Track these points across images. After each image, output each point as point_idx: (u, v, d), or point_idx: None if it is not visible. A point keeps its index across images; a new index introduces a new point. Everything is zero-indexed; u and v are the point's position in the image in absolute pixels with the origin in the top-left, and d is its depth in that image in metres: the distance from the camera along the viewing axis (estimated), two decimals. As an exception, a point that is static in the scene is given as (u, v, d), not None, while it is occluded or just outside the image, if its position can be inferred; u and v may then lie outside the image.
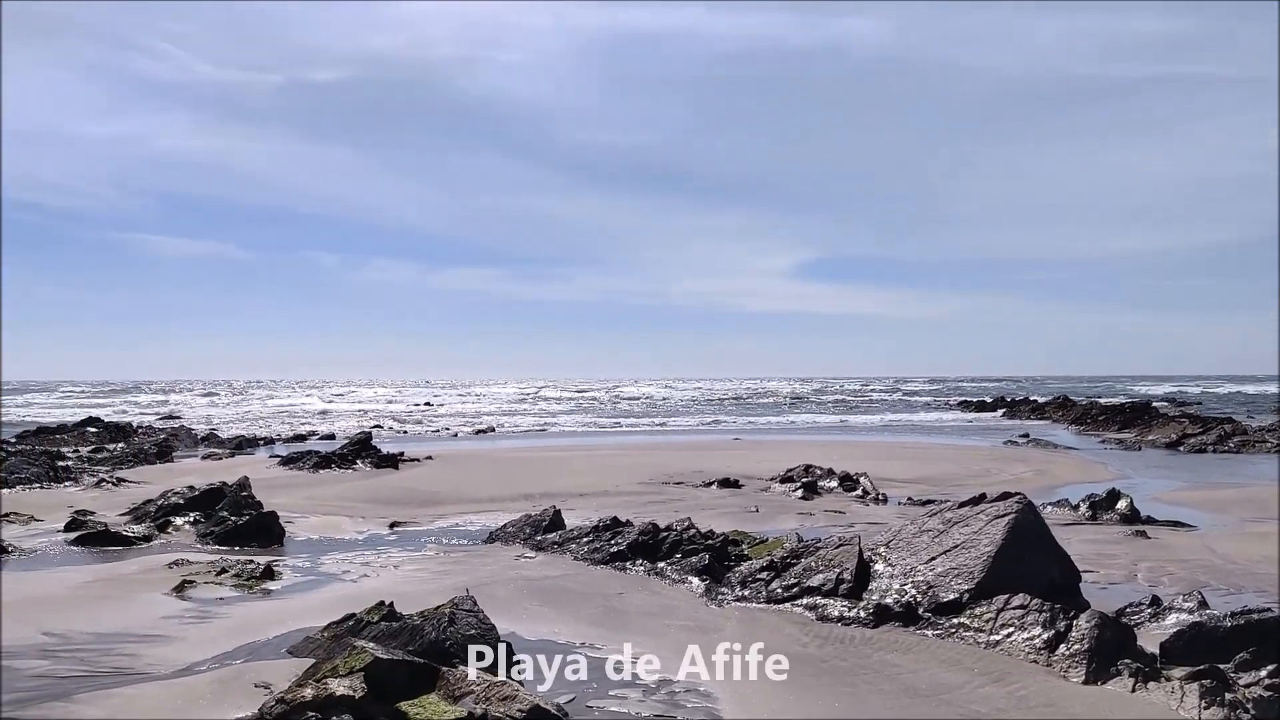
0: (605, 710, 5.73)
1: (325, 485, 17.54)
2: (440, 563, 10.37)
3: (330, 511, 14.28)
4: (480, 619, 6.21)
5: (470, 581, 9.01)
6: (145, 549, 11.54)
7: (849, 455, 21.80)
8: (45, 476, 17.82)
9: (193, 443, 29.76)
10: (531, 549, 11.02)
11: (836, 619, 7.83)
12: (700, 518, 11.49)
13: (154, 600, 8.56)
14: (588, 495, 15.75)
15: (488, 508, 14.54)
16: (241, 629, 7.57)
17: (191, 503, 13.40)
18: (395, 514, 13.94)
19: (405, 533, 12.59)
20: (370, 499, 15.56)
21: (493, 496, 15.67)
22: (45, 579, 9.56)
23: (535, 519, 11.86)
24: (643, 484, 17.44)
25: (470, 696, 5.18)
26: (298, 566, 10.23)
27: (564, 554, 10.61)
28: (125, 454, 24.17)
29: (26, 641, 7.08)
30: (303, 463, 20.78)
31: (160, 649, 6.99)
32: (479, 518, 13.67)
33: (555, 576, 9.50)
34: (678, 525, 10.47)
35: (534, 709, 5.10)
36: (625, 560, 10.02)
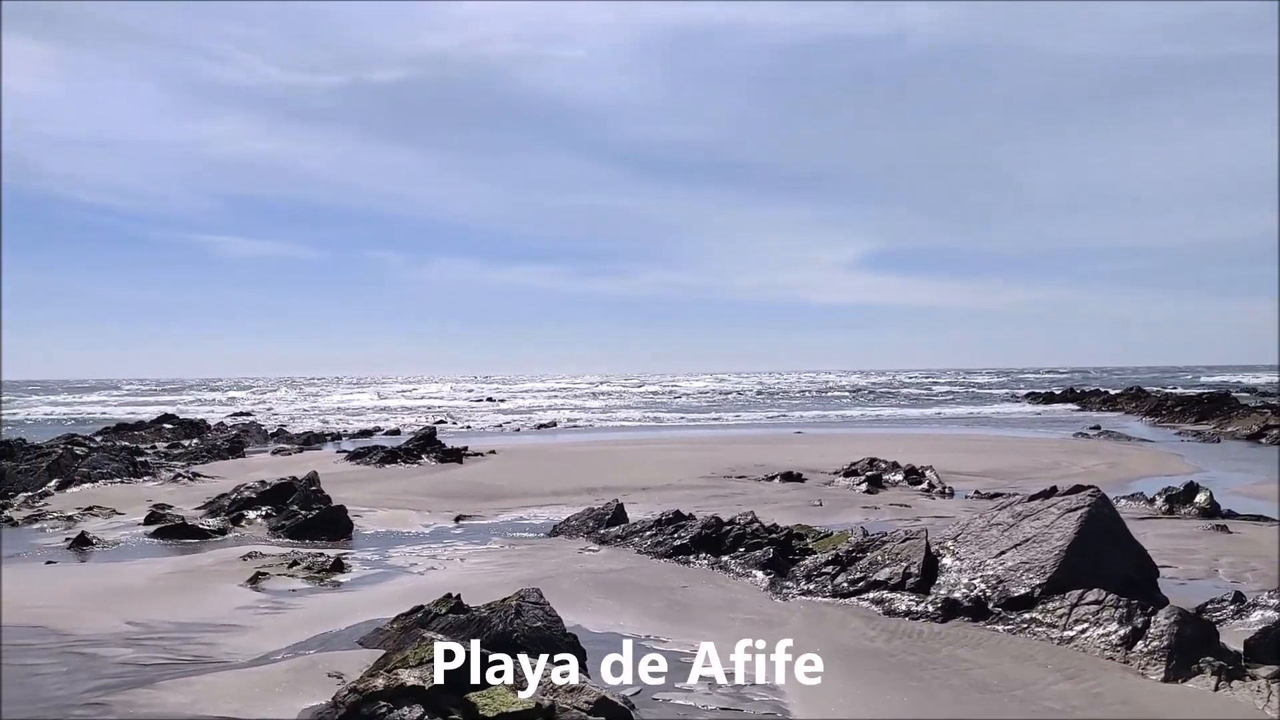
0: (671, 703, 5.74)
1: (391, 480, 17.84)
2: (505, 556, 10.48)
3: (397, 505, 14.51)
4: (546, 611, 6.26)
5: (535, 574, 9.09)
6: (220, 542, 11.86)
7: (913, 448, 21.50)
8: (125, 471, 18.41)
9: (263, 438, 30.49)
10: (595, 542, 11.07)
11: (904, 613, 7.73)
12: (763, 512, 11.42)
13: (230, 591, 8.80)
14: (650, 489, 15.77)
15: (550, 501, 14.65)
16: (313, 620, 7.73)
17: (263, 497, 13.74)
18: (460, 508, 14.11)
19: (470, 526, 12.75)
20: (436, 493, 15.78)
21: (555, 490, 15.77)
22: (128, 570, 9.88)
23: (598, 512, 11.91)
24: (704, 478, 17.41)
25: (538, 688, 5.22)
26: (366, 559, 10.42)
27: (627, 547, 10.64)
28: (199, 450, 24.88)
29: (112, 630, 7.33)
30: (369, 458, 21.15)
31: (237, 638, 7.17)
32: (542, 511, 13.78)
33: (619, 570, 9.53)
34: (741, 519, 10.43)
35: (601, 701, 5.12)
36: (688, 554, 10.01)
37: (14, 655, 6.68)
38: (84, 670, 6.34)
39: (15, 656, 6.66)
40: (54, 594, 8.58)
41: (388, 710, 5.10)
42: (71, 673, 6.29)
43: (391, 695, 5.18)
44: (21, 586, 9.03)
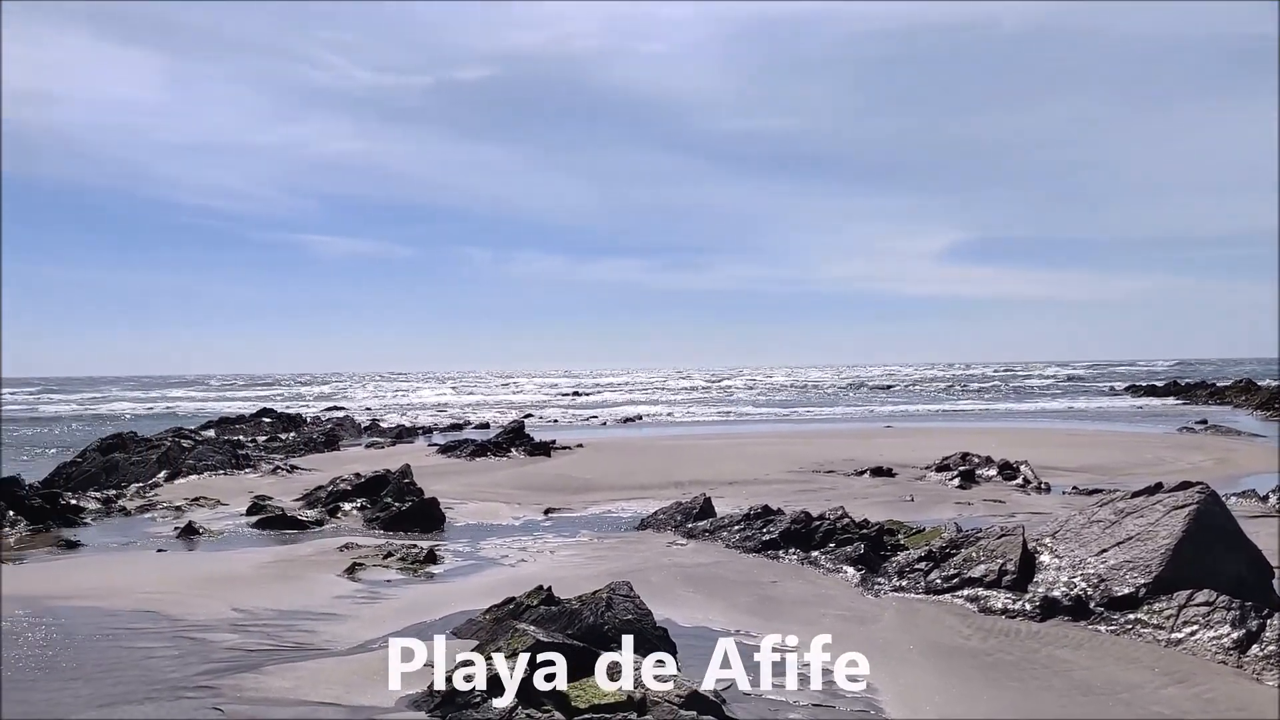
0: (763, 699, 5.70)
1: (482, 473, 18.14)
2: (594, 548, 10.56)
3: (487, 498, 14.75)
4: (636, 604, 6.28)
5: (624, 567, 9.14)
6: (318, 533, 12.23)
7: (1007, 442, 20.92)
8: (228, 464, 19.13)
9: (357, 432, 31.33)
10: (683, 536, 11.07)
11: (1000, 611, 7.53)
12: (853, 506, 11.26)
13: (328, 581, 9.06)
14: (737, 483, 15.70)
15: (638, 495, 14.70)
16: (408, 610, 7.91)
17: (358, 489, 14.12)
18: (549, 500, 14.27)
19: (559, 519, 12.88)
20: (525, 486, 15.99)
21: (642, 484, 15.83)
22: (232, 559, 10.27)
23: (686, 506, 11.91)
24: (792, 472, 17.26)
25: (629, 680, 5.24)
26: (458, 551, 10.61)
27: (715, 541, 10.61)
28: (297, 443, 25.71)
29: (219, 616, 7.62)
30: (460, 451, 21.54)
31: (336, 627, 7.38)
32: (630, 504, 13.84)
33: (707, 564, 9.51)
34: (830, 514, 10.30)
35: (692, 695, 5.11)
36: (778, 548, 9.93)
37: (129, 638, 7.01)
38: (194, 654, 6.61)
39: (130, 640, 6.98)
40: (165, 580, 8.96)
41: (481, 699, 5.19)
42: (183, 656, 6.56)
43: (485, 685, 5.26)
44: (135, 573, 9.47)
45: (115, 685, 5.94)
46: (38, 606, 8.01)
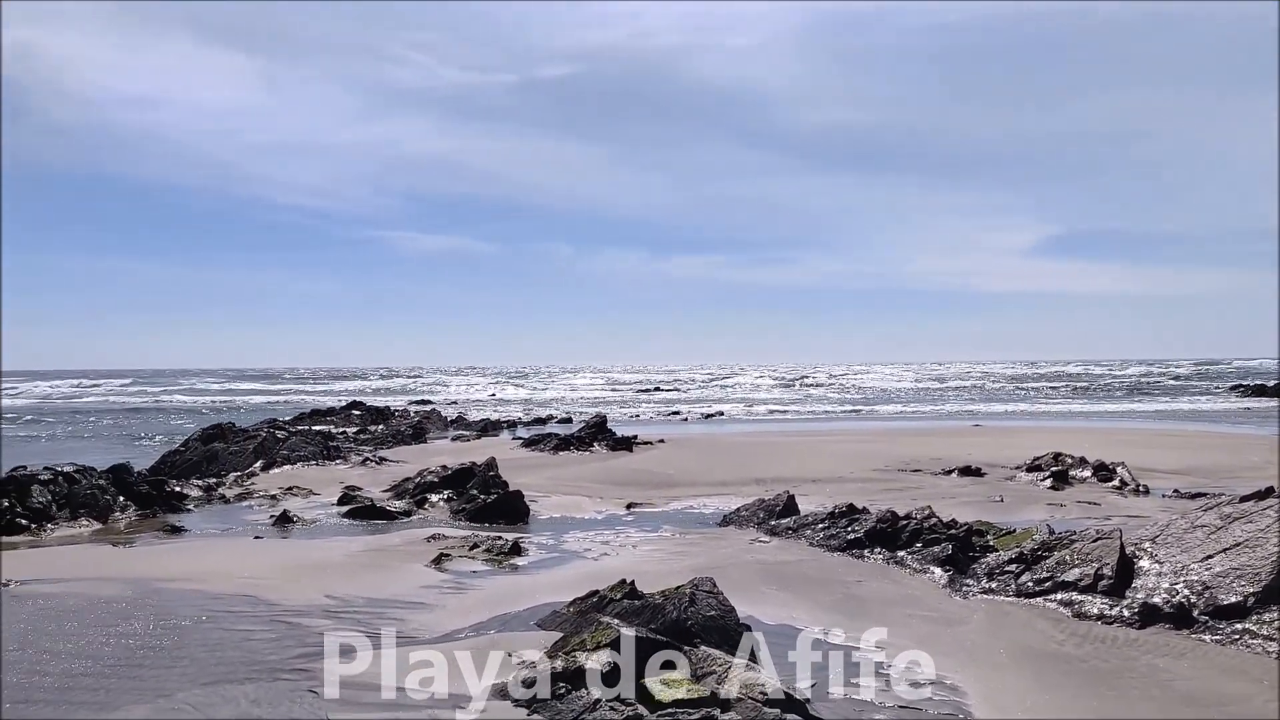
0: (848, 699, 5.62)
1: (565, 466, 18.31)
2: (676, 544, 10.57)
3: (570, 491, 14.88)
4: (720, 600, 6.26)
5: (707, 563, 9.12)
6: (406, 523, 12.50)
7: (1102, 443, 20.24)
8: (320, 455, 19.69)
9: (443, 425, 31.93)
10: (765, 533, 11.00)
11: (1096, 617, 7.29)
12: (940, 507, 11.04)
13: (416, 571, 9.25)
14: (820, 481, 15.53)
15: (720, 491, 14.66)
16: (494, 601, 8.03)
17: (445, 481, 14.39)
18: (631, 495, 14.33)
19: (642, 514, 12.92)
20: (607, 480, 16.08)
21: (724, 480, 15.78)
22: (325, 547, 10.57)
23: (769, 504, 11.83)
24: (877, 471, 17.00)
25: (712, 676, 5.24)
26: (542, 543, 10.73)
27: (798, 539, 10.52)
28: (385, 435, 26.33)
29: (313, 602, 7.85)
30: (543, 445, 21.78)
31: (424, 616, 7.54)
32: (712, 501, 13.81)
33: (791, 561, 9.43)
34: (917, 513, 10.11)
35: (776, 692, 5.07)
36: (862, 548, 9.79)
37: (230, 621, 7.28)
38: (290, 638, 6.83)
39: (231, 622, 7.24)
40: (262, 567, 9.28)
41: (566, 691, 5.24)
42: (280, 640, 6.78)
43: (570, 677, 5.32)
44: (235, 558, 9.83)
45: (217, 665, 6.18)
46: (146, 588, 8.38)
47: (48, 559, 10.07)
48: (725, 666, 5.30)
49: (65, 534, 11.67)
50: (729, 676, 5.22)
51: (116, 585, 8.52)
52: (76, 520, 12.15)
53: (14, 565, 9.45)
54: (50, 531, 11.67)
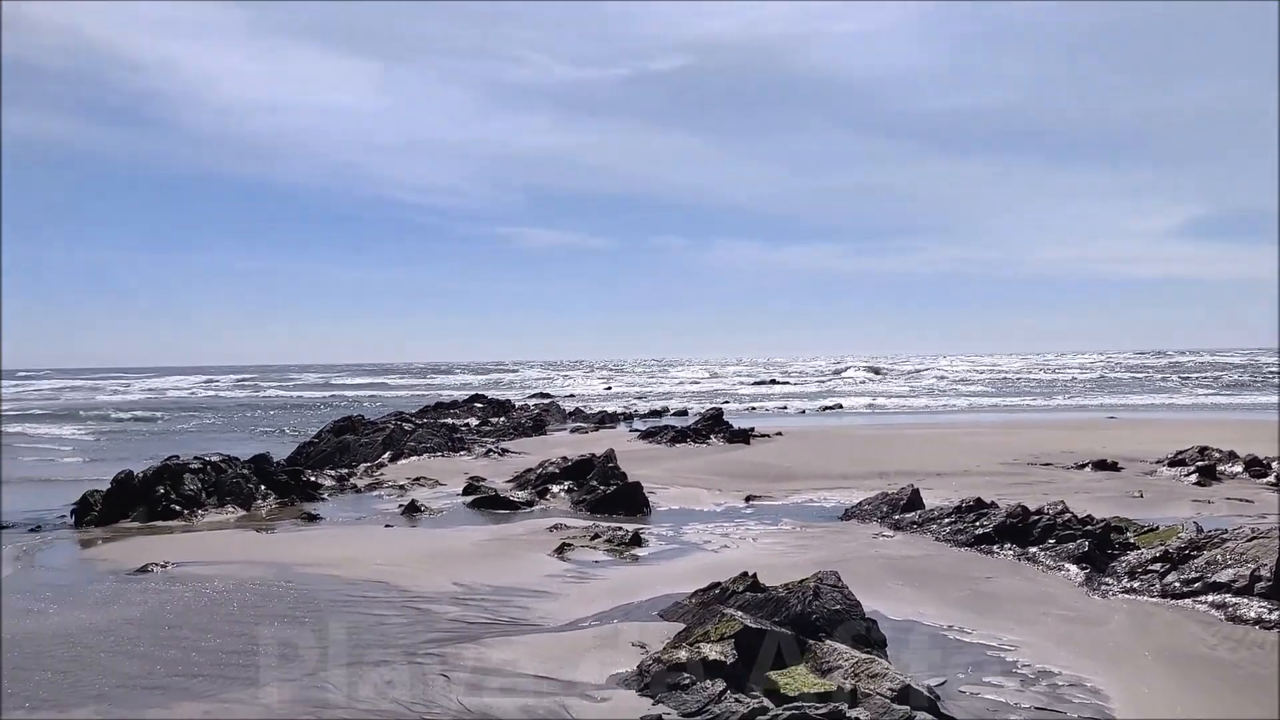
0: (980, 697, 5.45)
1: (682, 458, 18.35)
2: (797, 537, 10.46)
3: (688, 484, 14.90)
4: (845, 594, 6.16)
5: (829, 557, 9.00)
6: (528, 513, 12.75)
7: (1252, 436, 19.05)
8: (445, 446, 20.27)
9: (561, 417, 32.41)
10: (889, 528, 10.78)
11: (1253, 621, 6.86)
12: (1073, 501, 10.60)
13: (539, 560, 9.43)
14: (944, 475, 15.12)
15: (840, 484, 14.43)
16: (616, 590, 8.10)
17: (565, 472, 14.61)
18: (750, 488, 14.25)
19: (760, 506, 12.83)
20: (725, 473, 16.04)
21: (844, 473, 15.53)
22: (451, 536, 10.87)
23: (892, 497, 11.59)
24: (1005, 464, 16.44)
25: (838, 671, 5.16)
26: (662, 535, 10.78)
27: (924, 534, 10.27)
28: (506, 427, 26.89)
29: (441, 589, 8.09)
30: (660, 437, 21.88)
31: (547, 604, 7.67)
32: (832, 494, 13.61)
33: (916, 556, 9.21)
34: (1049, 509, 9.73)
35: (904, 689, 4.97)
36: (991, 543, 9.49)
37: (365, 605, 7.57)
38: (421, 623, 7.05)
39: (366, 607, 7.53)
40: (393, 554, 9.62)
41: (691, 682, 5.25)
42: (411, 624, 7.02)
43: (694, 668, 5.33)
44: (367, 546, 10.22)
45: (355, 647, 6.43)
46: (288, 573, 8.80)
47: (199, 543, 10.67)
48: (851, 661, 5.22)
49: (213, 520, 12.35)
50: (856, 671, 5.14)
51: (261, 569, 8.98)
52: (223, 507, 12.84)
53: (170, 548, 10.07)
54: (200, 517, 12.37)
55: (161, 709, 5.30)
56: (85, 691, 5.62)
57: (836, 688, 5.00)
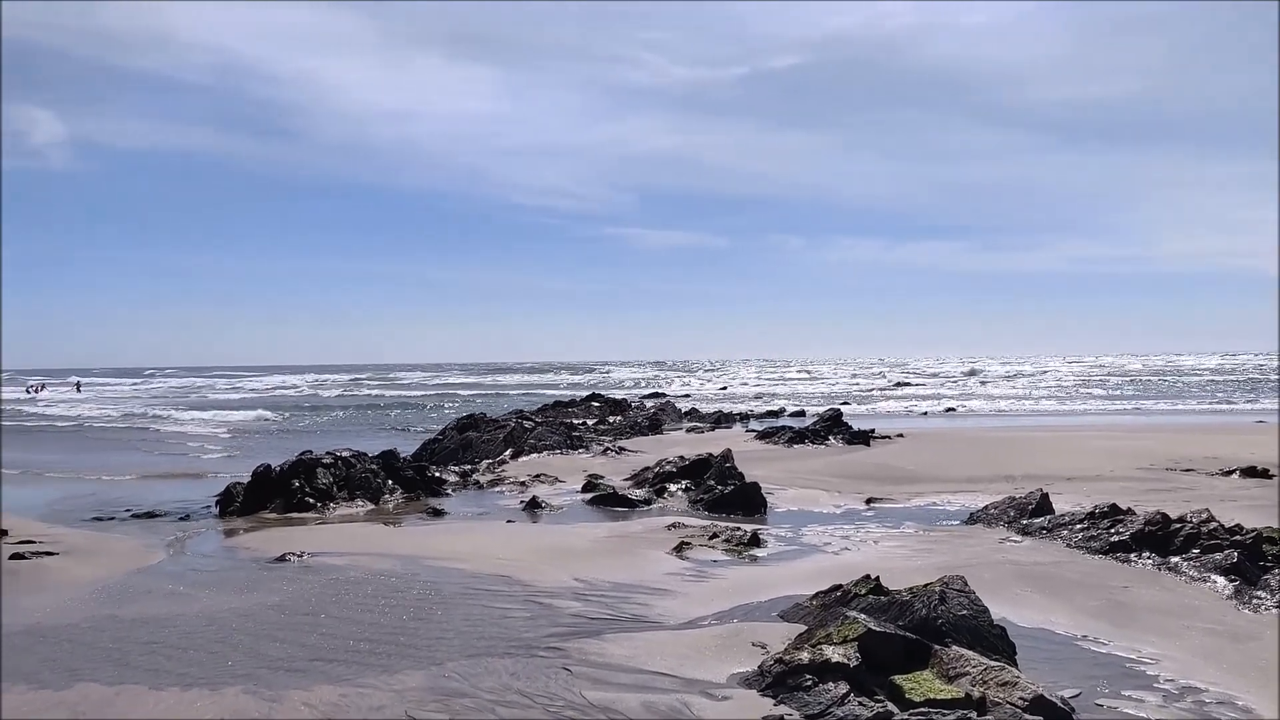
0: (1119, 711, 5.21)
1: (800, 459, 18.15)
2: (920, 540, 10.21)
3: (807, 485, 14.73)
4: (972, 600, 5.99)
5: (953, 562, 8.76)
6: (646, 511, 12.84)
7: None
8: (563, 444, 20.60)
9: (677, 417, 32.49)
10: (1017, 533, 10.41)
11: None
12: (1219, 510, 10.01)
13: (657, 558, 9.48)
14: (1075, 479, 14.51)
15: (965, 488, 14.03)
16: (734, 590, 8.08)
17: (682, 471, 14.65)
18: (870, 490, 13.99)
19: (882, 509, 12.59)
20: (844, 474, 15.79)
21: (969, 476, 15.08)
22: (571, 532, 11.04)
23: (1019, 502, 11.19)
24: (1142, 470, 15.66)
25: (966, 678, 5.02)
26: (780, 535, 10.69)
27: (1054, 540, 9.88)
28: (622, 426, 27.14)
29: (562, 585, 8.23)
30: (777, 437, 21.70)
31: (667, 601, 7.71)
32: (956, 498, 13.24)
33: (1046, 563, 8.87)
34: (1193, 517, 9.22)
35: (1037, 699, 4.80)
36: (1128, 551, 9.05)
37: (489, 599, 7.76)
38: (543, 618, 7.19)
39: (490, 600, 7.73)
40: (515, 549, 9.83)
41: (813, 683, 5.20)
42: (534, 619, 7.16)
43: (816, 669, 5.27)
44: (490, 541, 10.47)
45: (479, 639, 6.61)
46: (416, 565, 9.11)
47: (332, 534, 11.14)
48: (980, 668, 5.07)
49: (344, 513, 12.88)
50: (984, 679, 4.99)
51: (390, 561, 9.31)
52: (353, 501, 13.38)
53: (305, 539, 10.54)
54: (332, 510, 12.92)
55: (302, 690, 5.55)
56: (233, 671, 5.95)
57: (964, 695, 4.87)
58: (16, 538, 10.40)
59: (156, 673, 5.93)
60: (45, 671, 6.00)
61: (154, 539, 10.88)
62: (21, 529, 10.97)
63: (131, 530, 11.56)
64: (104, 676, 5.87)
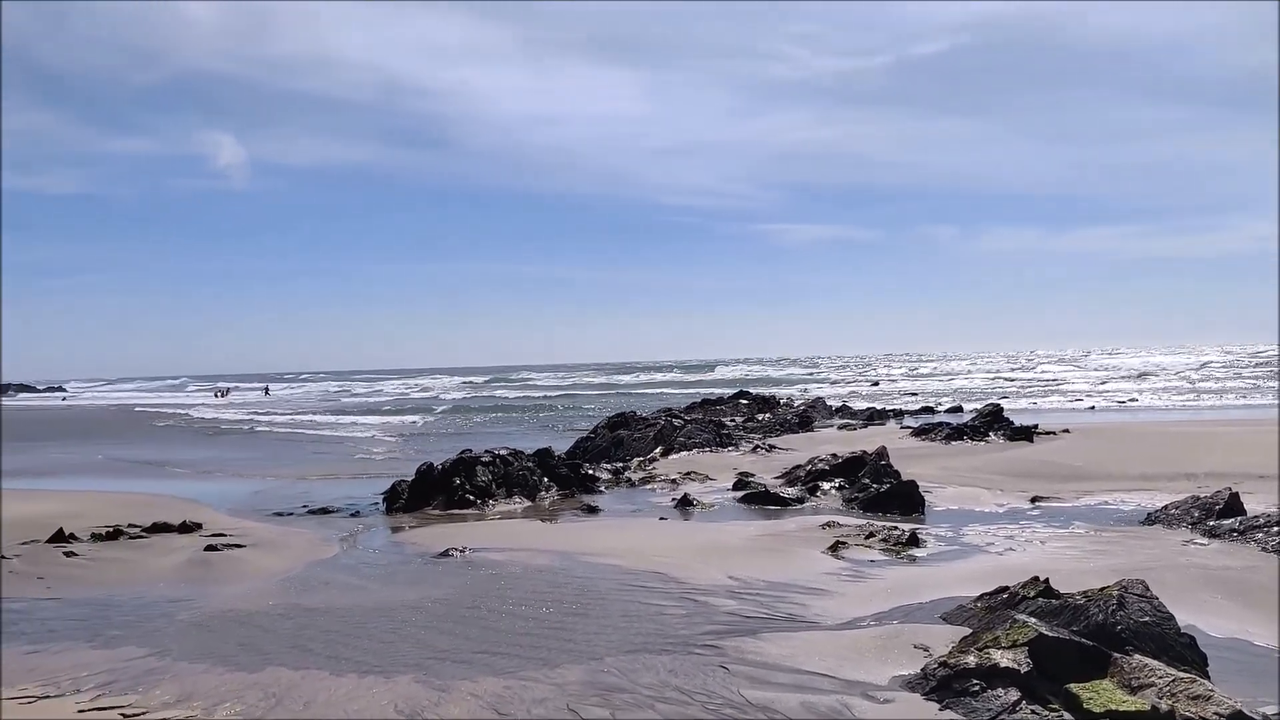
0: (1328, 731, 4.79)
1: (958, 456, 17.52)
2: (1092, 542, 9.68)
3: (966, 483, 14.22)
4: (1154, 606, 5.63)
5: (1130, 565, 8.26)
6: (798, 510, 12.68)
7: None
8: (713, 442, 20.58)
9: (828, 413, 31.93)
10: (1202, 535, 9.72)
11: None
12: None
13: (812, 557, 9.34)
14: (1269, 478, 13.40)
15: (1140, 486, 13.21)
16: (893, 591, 7.87)
17: (835, 469, 14.39)
18: (1035, 488, 13.37)
19: (1048, 508, 12.00)
20: (1006, 472, 15.15)
21: (1144, 474, 14.18)
22: (724, 530, 11.02)
23: (1205, 502, 10.45)
24: (1346, 467, 14.34)
25: (1151, 689, 4.72)
26: (940, 535, 10.35)
27: (1246, 543, 9.17)
28: (771, 423, 26.87)
29: (717, 583, 8.22)
30: (934, 434, 21.02)
31: (823, 601, 7.58)
32: (1131, 497, 12.48)
33: (1237, 568, 8.24)
34: None
35: (1235, 715, 4.46)
36: (1332, 556, 8.31)
37: (644, 595, 7.84)
38: (699, 615, 7.20)
39: (645, 597, 7.80)
40: (669, 546, 9.88)
41: (981, 689, 5.00)
42: (690, 616, 7.18)
43: (984, 674, 5.07)
44: (644, 537, 10.57)
45: (636, 635, 6.68)
46: (572, 561, 9.29)
47: (491, 530, 11.51)
48: (1168, 679, 4.75)
49: (502, 509, 13.28)
50: (1172, 691, 4.67)
51: (547, 556, 9.53)
52: (511, 497, 13.77)
53: (466, 534, 10.93)
54: (491, 507, 13.34)
55: (468, 681, 5.75)
56: (404, 660, 6.22)
57: (1150, 707, 4.58)
58: (210, 530, 11.22)
59: (336, 659, 6.27)
60: (241, 655, 6.44)
61: (329, 533, 11.51)
62: (214, 522, 11.84)
63: (309, 525, 12.26)
64: (290, 661, 6.26)
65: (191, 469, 20.57)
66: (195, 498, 14.66)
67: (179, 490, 15.94)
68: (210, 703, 5.51)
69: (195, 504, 13.74)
